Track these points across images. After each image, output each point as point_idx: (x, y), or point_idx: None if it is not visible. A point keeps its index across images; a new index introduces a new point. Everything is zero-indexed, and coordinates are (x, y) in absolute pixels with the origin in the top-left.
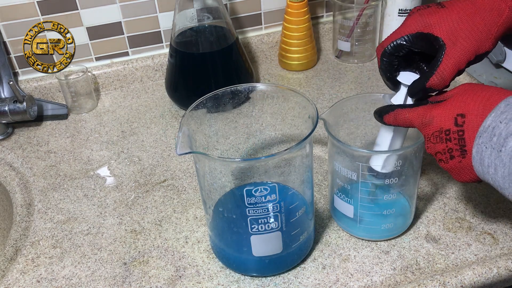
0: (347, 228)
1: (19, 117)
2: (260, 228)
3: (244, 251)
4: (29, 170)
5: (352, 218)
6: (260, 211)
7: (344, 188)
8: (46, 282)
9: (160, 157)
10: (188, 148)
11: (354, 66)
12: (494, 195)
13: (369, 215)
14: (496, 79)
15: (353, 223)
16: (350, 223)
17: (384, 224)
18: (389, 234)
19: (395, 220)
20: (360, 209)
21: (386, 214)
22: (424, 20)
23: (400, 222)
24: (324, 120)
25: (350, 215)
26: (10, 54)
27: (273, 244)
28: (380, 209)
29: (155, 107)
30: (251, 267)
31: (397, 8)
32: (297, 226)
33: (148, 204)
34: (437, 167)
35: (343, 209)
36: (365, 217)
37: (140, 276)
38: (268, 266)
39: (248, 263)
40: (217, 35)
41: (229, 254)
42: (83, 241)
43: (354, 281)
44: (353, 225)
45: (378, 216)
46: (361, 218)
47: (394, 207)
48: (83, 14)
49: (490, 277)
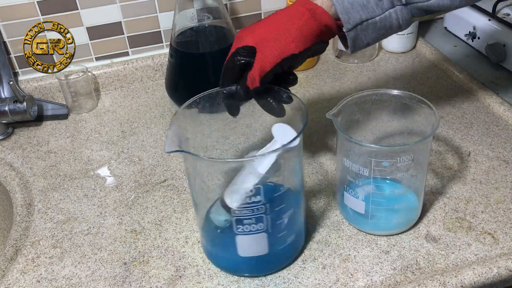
0: (358, 224)
1: (19, 117)
2: (245, 228)
3: (231, 251)
4: (29, 170)
5: (363, 214)
6: (245, 212)
7: (355, 185)
8: (46, 282)
9: (160, 157)
10: (177, 146)
11: (354, 66)
12: (494, 195)
13: (380, 210)
14: (496, 79)
15: (364, 219)
16: (361, 220)
17: (395, 219)
18: (398, 228)
19: (405, 215)
20: (372, 204)
21: (396, 209)
22: (238, 36)
23: (409, 216)
24: (333, 118)
25: (362, 211)
26: (10, 54)
27: (259, 245)
28: (391, 204)
29: (155, 107)
30: (240, 268)
31: None
32: (284, 228)
33: (148, 204)
34: (437, 167)
35: (354, 205)
36: (376, 212)
37: (140, 276)
38: (256, 266)
39: (236, 263)
40: (217, 35)
41: (217, 254)
42: (83, 241)
43: (354, 281)
44: (365, 222)
45: (389, 211)
46: (373, 214)
47: (404, 201)
48: (83, 14)
49: (490, 277)
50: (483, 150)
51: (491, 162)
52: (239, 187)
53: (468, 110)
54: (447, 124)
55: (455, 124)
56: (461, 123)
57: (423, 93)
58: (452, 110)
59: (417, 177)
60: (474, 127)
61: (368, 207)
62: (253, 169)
